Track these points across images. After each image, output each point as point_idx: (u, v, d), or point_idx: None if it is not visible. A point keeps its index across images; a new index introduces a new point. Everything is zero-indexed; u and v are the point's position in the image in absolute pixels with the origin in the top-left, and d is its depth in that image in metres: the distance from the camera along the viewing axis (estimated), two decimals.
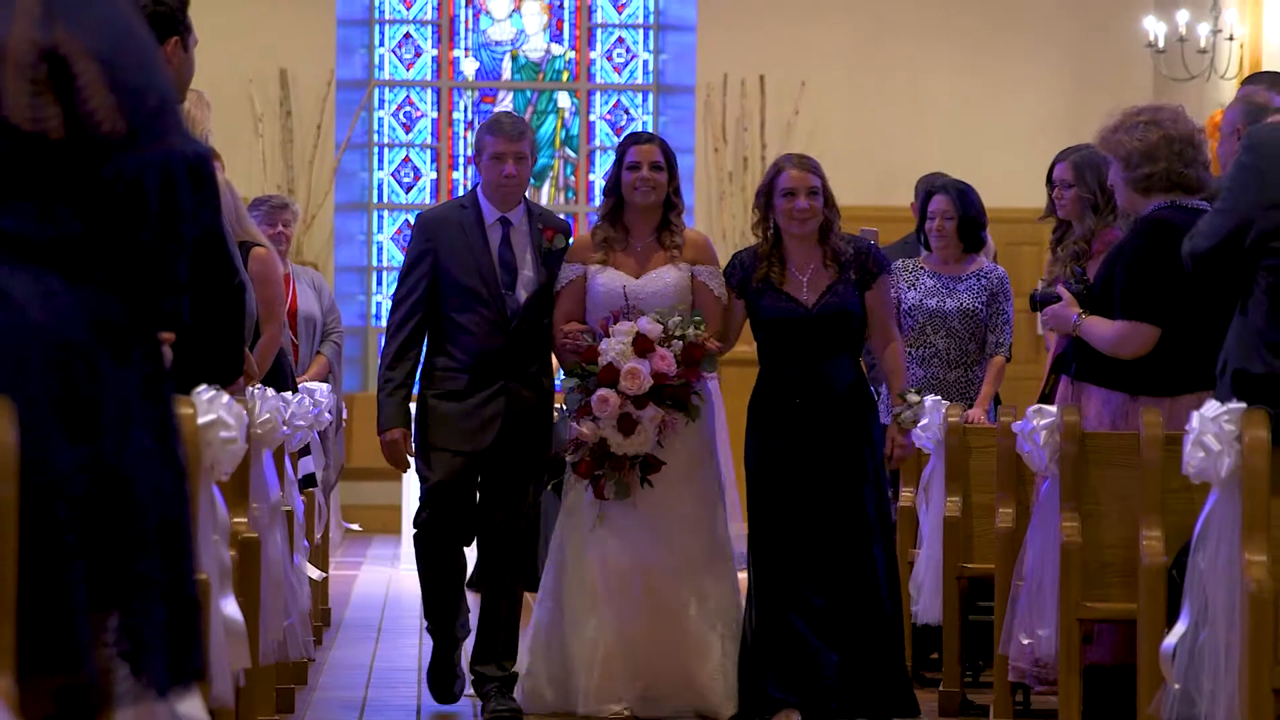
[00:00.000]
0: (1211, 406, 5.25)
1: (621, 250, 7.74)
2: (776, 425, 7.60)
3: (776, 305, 7.62)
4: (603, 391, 7.38)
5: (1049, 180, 8.08)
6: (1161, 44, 15.13)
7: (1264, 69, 11.69)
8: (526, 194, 8.00)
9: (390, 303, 8.02)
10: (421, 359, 7.82)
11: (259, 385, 6.53)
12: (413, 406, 7.80)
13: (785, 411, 7.59)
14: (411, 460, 7.79)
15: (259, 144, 16.07)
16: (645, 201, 7.67)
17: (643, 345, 7.41)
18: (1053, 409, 6.63)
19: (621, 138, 7.84)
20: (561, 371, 7.84)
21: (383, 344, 8.11)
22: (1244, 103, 7.01)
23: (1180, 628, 5.45)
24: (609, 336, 7.48)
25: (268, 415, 6.32)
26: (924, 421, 7.77)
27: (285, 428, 6.79)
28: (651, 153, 7.68)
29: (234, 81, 15.65)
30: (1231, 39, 14.24)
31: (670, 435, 7.47)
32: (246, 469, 6.05)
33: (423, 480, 7.77)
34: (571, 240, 7.89)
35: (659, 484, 7.48)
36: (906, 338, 8.60)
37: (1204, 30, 14.61)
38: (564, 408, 7.64)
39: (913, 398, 7.60)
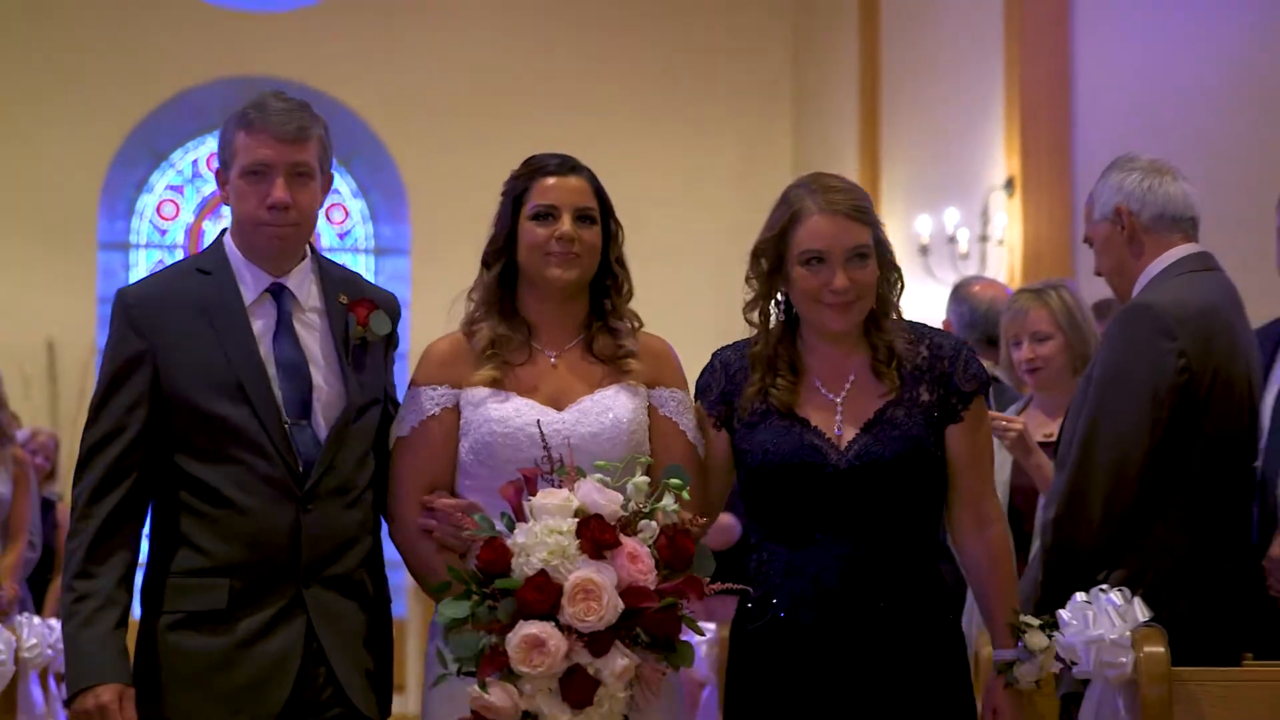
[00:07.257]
0: None
1: (525, 362, 4.04)
2: (782, 676, 3.94)
3: (784, 444, 3.95)
4: (534, 629, 3.56)
5: None
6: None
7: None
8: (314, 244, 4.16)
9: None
10: (141, 557, 3.98)
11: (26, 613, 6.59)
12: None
13: (798, 651, 3.93)
14: None
15: (27, 407, 16.05)
16: (566, 277, 4.04)
17: (599, 534, 3.60)
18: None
19: (518, 168, 4.14)
20: (421, 586, 3.99)
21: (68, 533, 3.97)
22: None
23: None
24: (522, 517, 3.66)
25: (35, 640, 6.36)
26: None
27: (50, 650, 6.91)
28: (576, 191, 4.05)
29: (2, 354, 15.73)
30: (1001, 244, 13.37)
31: (648, 699, 3.71)
32: (14, 689, 6.09)
33: None
34: (397, 323, 4.18)
35: None
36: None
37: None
38: (439, 657, 3.75)
39: (1037, 639, 3.99)
